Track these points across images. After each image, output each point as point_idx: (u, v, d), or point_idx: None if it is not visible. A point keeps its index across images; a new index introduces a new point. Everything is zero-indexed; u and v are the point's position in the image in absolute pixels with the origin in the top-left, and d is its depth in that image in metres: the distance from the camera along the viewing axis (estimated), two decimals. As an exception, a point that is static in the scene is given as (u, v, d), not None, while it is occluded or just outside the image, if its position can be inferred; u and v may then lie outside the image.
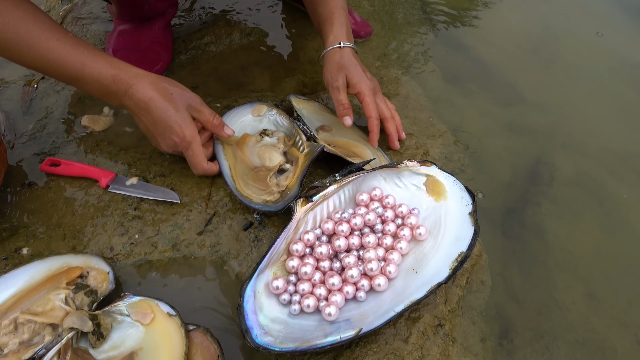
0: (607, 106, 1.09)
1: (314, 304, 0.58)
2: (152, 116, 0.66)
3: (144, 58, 0.89)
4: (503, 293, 0.73)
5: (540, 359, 0.67)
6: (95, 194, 0.72)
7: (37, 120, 0.83)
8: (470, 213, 0.66)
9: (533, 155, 0.95)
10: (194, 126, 0.69)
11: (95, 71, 0.63)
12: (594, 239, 0.83)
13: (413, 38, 1.16)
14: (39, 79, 0.90)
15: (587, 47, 1.24)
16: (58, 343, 0.52)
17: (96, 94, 0.66)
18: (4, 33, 0.57)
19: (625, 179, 0.93)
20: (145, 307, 0.57)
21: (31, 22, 0.59)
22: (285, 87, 0.95)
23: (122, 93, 0.64)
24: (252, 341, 0.53)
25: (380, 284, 0.60)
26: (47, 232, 0.68)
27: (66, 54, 0.61)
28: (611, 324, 0.72)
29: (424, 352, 0.60)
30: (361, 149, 0.79)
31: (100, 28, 1.02)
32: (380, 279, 0.60)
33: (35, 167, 0.75)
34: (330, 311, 0.57)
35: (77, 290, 0.57)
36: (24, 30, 0.58)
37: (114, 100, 0.66)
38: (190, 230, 0.69)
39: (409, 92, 1.00)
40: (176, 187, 0.74)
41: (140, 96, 0.64)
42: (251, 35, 1.05)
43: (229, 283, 0.65)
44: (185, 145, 0.68)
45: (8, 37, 0.58)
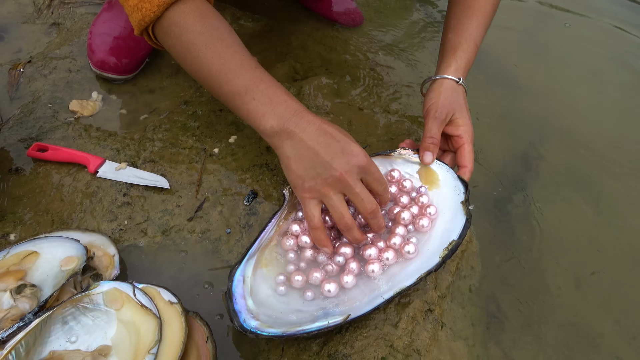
0: (599, 95, 1.09)
1: (321, 277, 0.59)
2: (327, 136, 0.58)
3: (126, 43, 0.87)
4: (493, 279, 0.74)
5: (529, 343, 0.68)
6: (84, 180, 0.72)
7: (23, 105, 0.82)
8: (463, 202, 0.66)
9: (524, 143, 0.95)
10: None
11: (271, 88, 0.60)
12: (584, 227, 0.83)
13: (406, 24, 1.15)
14: (25, 62, 0.88)
15: (580, 36, 1.23)
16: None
17: (255, 114, 0.60)
18: (196, 34, 0.60)
19: (615, 167, 0.94)
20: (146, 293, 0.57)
21: (225, 33, 0.62)
22: (277, 72, 0.94)
23: (291, 112, 0.59)
24: (240, 325, 0.53)
25: (374, 270, 0.60)
26: (35, 218, 0.67)
27: (247, 67, 0.61)
28: (599, 309, 0.73)
29: (413, 336, 0.60)
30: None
31: (88, 11, 1.00)
32: (375, 265, 0.60)
33: (22, 152, 0.74)
34: (330, 288, 0.58)
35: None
36: (216, 38, 0.61)
37: (275, 122, 0.59)
38: (180, 216, 0.69)
39: (401, 78, 0.99)
40: (166, 173, 0.73)
41: (313, 118, 0.59)
42: (242, 20, 1.03)
43: (219, 268, 0.65)
44: (368, 160, 0.58)
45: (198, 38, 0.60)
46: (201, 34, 0.60)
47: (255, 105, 0.60)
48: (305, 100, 0.88)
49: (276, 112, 0.59)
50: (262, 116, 0.59)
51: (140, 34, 0.64)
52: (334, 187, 0.57)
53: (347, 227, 0.58)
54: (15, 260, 0.59)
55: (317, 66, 0.98)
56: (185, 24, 0.60)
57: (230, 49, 0.61)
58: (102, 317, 0.55)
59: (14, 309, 0.54)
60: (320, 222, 0.59)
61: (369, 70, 1.00)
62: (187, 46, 0.61)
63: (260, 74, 0.61)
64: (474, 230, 0.76)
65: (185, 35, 0.61)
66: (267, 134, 0.60)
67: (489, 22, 0.77)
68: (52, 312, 0.53)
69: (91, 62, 0.86)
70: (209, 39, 0.60)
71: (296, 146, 0.58)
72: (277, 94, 0.60)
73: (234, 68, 0.60)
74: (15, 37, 0.95)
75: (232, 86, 0.60)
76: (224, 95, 0.62)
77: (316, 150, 0.57)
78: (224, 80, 0.61)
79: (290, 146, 0.59)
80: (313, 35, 1.05)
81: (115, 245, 0.63)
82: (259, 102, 0.59)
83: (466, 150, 0.70)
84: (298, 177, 0.59)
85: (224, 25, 0.63)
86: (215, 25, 0.62)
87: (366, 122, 0.87)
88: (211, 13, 0.63)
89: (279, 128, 0.59)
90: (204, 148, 0.77)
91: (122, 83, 0.87)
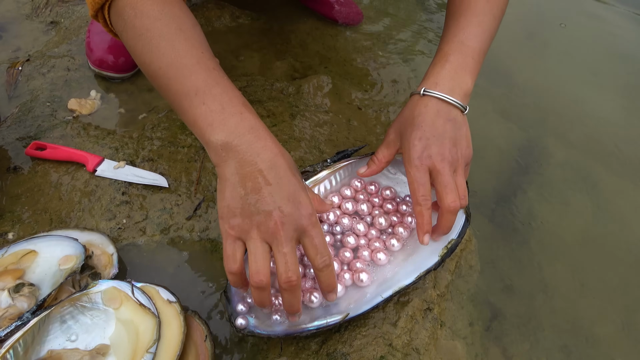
0: (598, 93, 1.09)
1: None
2: (277, 173, 0.49)
3: None
4: (492, 277, 0.73)
5: (527, 343, 0.68)
6: (82, 179, 0.71)
7: (22, 104, 0.81)
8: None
9: (523, 141, 0.95)
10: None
11: (227, 94, 0.51)
12: (583, 225, 0.83)
13: (405, 22, 1.14)
14: (23, 60, 0.88)
15: (580, 34, 1.23)
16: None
17: (202, 121, 0.50)
18: (151, 20, 0.52)
19: (614, 165, 0.93)
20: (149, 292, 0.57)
21: (186, 25, 0.53)
22: (276, 70, 0.94)
23: (245, 129, 0.49)
24: (238, 324, 0.53)
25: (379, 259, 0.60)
26: (34, 217, 0.67)
27: (204, 66, 0.51)
28: (598, 309, 0.73)
29: (412, 335, 0.60)
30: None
31: (85, 10, 1.00)
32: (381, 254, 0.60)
33: (20, 151, 0.74)
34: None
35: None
36: (174, 27, 0.52)
37: (223, 135, 0.49)
38: (179, 215, 0.69)
39: (400, 76, 0.99)
40: (165, 172, 0.73)
41: (270, 144, 0.50)
42: (241, 18, 1.03)
43: (218, 267, 0.65)
44: (312, 222, 0.49)
45: (152, 25, 0.52)
46: (158, 20, 0.52)
47: (203, 111, 0.50)
48: (304, 99, 0.87)
49: (227, 125, 0.49)
50: (209, 125, 0.49)
51: (95, 16, 0.57)
52: (263, 234, 0.48)
53: (258, 285, 0.48)
54: (14, 259, 0.59)
55: (316, 64, 0.97)
56: (141, 7, 0.52)
57: (188, 42, 0.52)
58: (100, 316, 0.55)
59: (12, 307, 0.54)
60: (240, 268, 0.49)
61: (369, 69, 1.00)
62: (140, 32, 0.52)
63: (217, 76, 0.52)
64: (472, 228, 0.76)
65: (140, 20, 0.52)
66: (211, 147, 0.50)
67: (490, 19, 0.63)
68: (51, 311, 0.53)
69: (90, 60, 0.86)
70: (165, 27, 0.52)
71: (240, 172, 0.48)
72: (232, 102, 0.50)
73: (187, 64, 0.51)
74: (14, 35, 0.95)
75: (182, 85, 0.51)
76: (172, 95, 0.52)
77: (259, 186, 0.48)
78: (174, 77, 0.51)
79: (233, 169, 0.49)
80: (312, 33, 1.05)
81: (113, 244, 0.63)
82: (209, 108, 0.50)
83: (410, 184, 0.57)
84: (227, 208, 0.49)
85: (187, 15, 0.54)
86: (177, 14, 0.53)
87: (365, 121, 0.87)
88: (175, 0, 0.54)
89: (225, 144, 0.49)
90: (202, 147, 0.76)
91: (120, 82, 0.87)
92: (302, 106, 0.86)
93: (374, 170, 0.63)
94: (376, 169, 0.63)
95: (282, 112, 0.83)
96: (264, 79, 0.91)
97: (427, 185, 0.57)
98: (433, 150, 0.56)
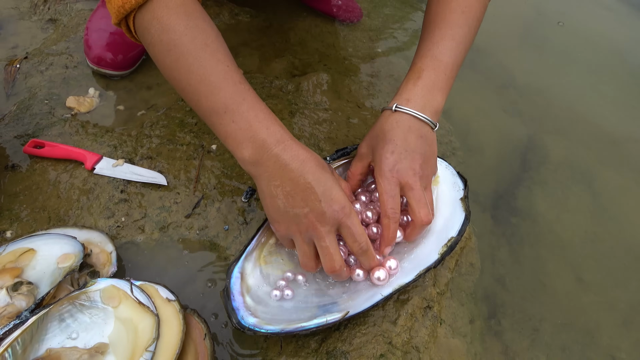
0: (598, 91, 1.08)
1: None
2: (305, 179, 0.52)
3: (123, 39, 0.86)
4: (492, 275, 0.73)
5: (528, 340, 0.68)
6: (81, 177, 0.71)
7: (20, 101, 0.81)
8: (462, 198, 0.66)
9: (524, 138, 0.95)
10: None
11: (253, 110, 0.53)
12: (583, 222, 0.83)
13: (404, 19, 1.14)
14: (21, 58, 0.88)
15: (579, 32, 1.23)
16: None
17: (233, 139, 0.54)
18: (178, 35, 0.53)
19: (614, 163, 0.93)
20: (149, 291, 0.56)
21: (210, 38, 0.55)
22: (275, 68, 0.94)
23: (272, 143, 0.53)
24: (238, 322, 0.53)
25: (379, 277, 0.58)
26: (32, 215, 0.67)
27: (230, 82, 0.54)
28: (598, 306, 0.73)
29: (412, 333, 0.60)
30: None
31: (84, 6, 0.99)
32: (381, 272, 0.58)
33: (18, 149, 0.74)
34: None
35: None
36: (199, 43, 0.53)
37: (252, 152, 0.53)
38: (178, 213, 0.69)
39: (399, 73, 0.99)
40: (163, 170, 0.72)
41: (296, 152, 0.53)
42: (240, 16, 1.03)
43: (217, 265, 0.65)
44: (346, 213, 0.53)
45: (180, 40, 0.53)
46: (185, 36, 0.53)
47: (233, 129, 0.53)
48: (303, 97, 0.87)
49: (255, 141, 0.53)
50: (240, 143, 0.53)
51: (119, 24, 0.58)
52: (304, 235, 0.54)
53: (309, 271, 0.57)
54: (12, 258, 0.59)
55: (315, 62, 0.97)
56: (168, 21, 0.53)
57: (214, 58, 0.54)
58: (99, 315, 0.55)
59: (10, 306, 0.54)
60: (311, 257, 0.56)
61: (368, 66, 1.00)
62: (168, 47, 0.54)
63: (243, 90, 0.54)
64: (472, 226, 0.76)
65: (167, 35, 0.53)
66: (244, 163, 0.54)
67: (465, 31, 0.64)
68: (49, 309, 0.53)
69: (88, 58, 0.86)
70: (191, 42, 0.53)
71: (273, 184, 0.53)
72: (259, 118, 0.53)
73: (215, 81, 0.53)
74: (12, 33, 0.94)
75: (212, 102, 0.54)
76: (202, 110, 0.55)
77: (292, 193, 0.52)
78: (203, 94, 0.54)
79: (267, 182, 0.53)
80: (312, 31, 1.05)
81: (112, 242, 0.63)
82: (238, 125, 0.53)
83: (380, 195, 0.58)
84: (272, 218, 0.56)
85: (211, 28, 0.56)
86: (201, 27, 0.55)
87: (365, 118, 0.87)
88: (198, 12, 0.56)
89: (257, 159, 0.53)
90: (201, 144, 0.76)
91: (119, 79, 0.86)
92: (301, 104, 0.86)
93: (352, 185, 0.64)
94: (354, 183, 0.64)
95: (281, 110, 0.83)
96: (263, 76, 0.91)
97: (397, 199, 0.58)
98: (405, 165, 0.58)
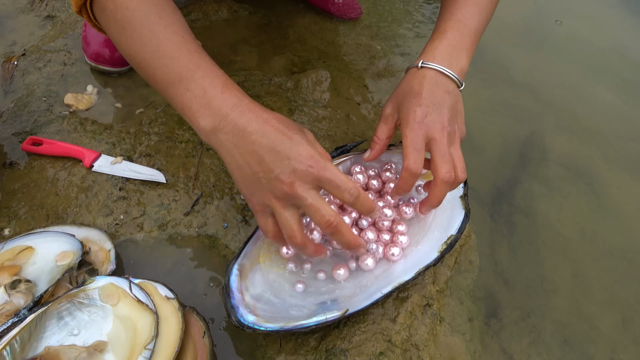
0: (597, 87, 1.08)
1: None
2: (268, 138, 0.48)
3: None
4: (491, 273, 0.73)
5: (527, 338, 0.68)
6: (79, 174, 0.71)
7: (18, 98, 0.81)
8: (462, 196, 0.65)
9: (523, 136, 0.95)
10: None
11: (208, 76, 0.51)
12: (582, 220, 0.83)
13: (404, 17, 1.14)
14: (19, 55, 0.87)
15: (580, 29, 1.23)
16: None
17: (189, 109, 0.51)
18: (131, 11, 0.51)
19: (614, 160, 0.93)
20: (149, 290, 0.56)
21: (165, 12, 0.53)
22: (274, 65, 0.93)
23: (229, 107, 0.50)
24: (237, 320, 0.53)
25: (394, 254, 0.59)
26: (30, 213, 0.67)
27: (185, 51, 0.51)
28: (597, 303, 0.73)
29: (411, 331, 0.60)
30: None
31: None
32: (394, 249, 0.59)
33: (16, 146, 0.73)
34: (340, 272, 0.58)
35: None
36: (153, 16, 0.52)
37: (209, 119, 0.50)
38: (177, 210, 0.68)
39: (400, 72, 0.98)
40: (162, 167, 0.72)
41: (255, 114, 0.50)
42: (239, 12, 1.02)
43: (216, 263, 0.65)
44: (321, 166, 0.48)
45: (133, 15, 0.52)
46: (137, 11, 0.52)
47: (189, 98, 0.50)
48: (302, 94, 0.87)
49: (211, 108, 0.50)
50: (196, 112, 0.50)
51: (79, 12, 0.57)
52: (284, 201, 0.49)
53: (299, 247, 0.51)
54: (10, 256, 0.58)
55: (314, 59, 0.97)
56: (120, 0, 0.52)
57: (168, 29, 0.52)
58: (98, 313, 0.54)
59: (9, 304, 0.53)
60: (275, 233, 0.53)
61: (367, 63, 0.99)
62: (122, 24, 0.52)
63: (198, 58, 0.52)
64: (472, 224, 0.76)
65: (121, 12, 0.52)
66: (202, 133, 0.51)
67: (487, 1, 0.64)
68: (48, 307, 0.52)
69: (86, 54, 0.85)
70: (144, 16, 0.51)
71: (235, 151, 0.49)
72: (213, 83, 0.50)
73: (169, 51, 0.51)
74: (9, 29, 0.94)
75: (166, 73, 0.51)
76: (159, 84, 0.53)
77: (257, 158, 0.48)
78: (158, 66, 0.52)
79: (228, 151, 0.50)
80: (311, 28, 1.04)
81: (111, 240, 0.63)
82: (193, 93, 0.50)
83: (405, 147, 0.55)
84: (244, 188, 0.51)
85: (166, 2, 0.54)
86: (155, 2, 0.53)
87: (364, 115, 0.87)
88: None
89: (213, 127, 0.50)
90: (200, 142, 0.76)
91: (117, 76, 0.86)
92: (300, 101, 0.85)
93: (378, 150, 0.60)
94: (380, 148, 0.60)
95: (280, 107, 0.83)
96: (262, 73, 0.90)
97: (422, 153, 0.54)
98: (433, 118, 0.55)
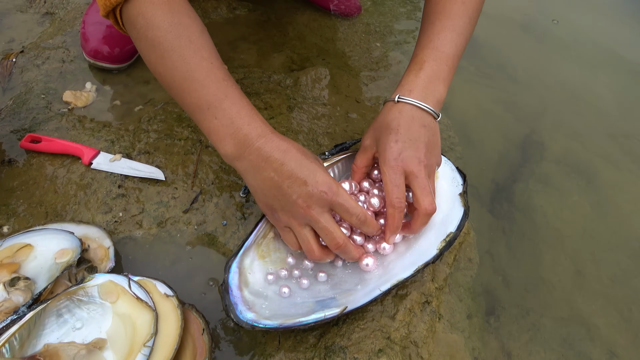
0: (598, 86, 1.08)
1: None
2: (288, 166, 0.53)
3: (119, 32, 0.85)
4: (490, 270, 0.73)
5: (526, 335, 0.68)
6: (78, 171, 0.71)
7: (16, 96, 0.80)
8: (461, 194, 0.65)
9: (523, 133, 0.95)
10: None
11: (236, 106, 0.54)
12: (582, 218, 0.83)
13: (403, 14, 1.14)
14: (17, 52, 0.87)
15: (577, 28, 1.22)
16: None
17: (215, 135, 0.55)
18: (163, 32, 0.53)
19: (613, 158, 0.93)
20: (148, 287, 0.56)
21: (195, 34, 0.55)
22: (273, 62, 0.93)
23: (254, 137, 0.54)
24: (236, 317, 0.53)
25: (385, 248, 0.60)
26: (29, 210, 0.67)
27: (214, 79, 0.55)
28: (596, 300, 0.73)
29: (410, 328, 0.60)
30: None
31: (81, 0, 0.99)
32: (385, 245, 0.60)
33: (15, 144, 0.73)
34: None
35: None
36: (184, 40, 0.54)
37: (235, 148, 0.54)
38: (175, 208, 0.68)
39: (399, 69, 0.98)
40: (161, 165, 0.72)
41: (277, 144, 0.54)
42: (238, 10, 1.02)
43: (215, 260, 0.65)
44: (334, 192, 0.53)
45: (164, 37, 0.54)
46: (168, 33, 0.54)
47: (216, 126, 0.55)
48: (302, 91, 0.87)
49: (237, 137, 0.54)
50: (223, 139, 0.55)
51: (107, 16, 0.58)
52: (299, 221, 0.55)
53: (316, 260, 0.58)
54: (9, 253, 0.58)
55: (314, 56, 0.97)
56: (152, 18, 0.54)
57: (198, 55, 0.55)
58: (97, 310, 0.54)
59: (8, 301, 0.53)
60: (298, 246, 0.58)
61: (367, 61, 0.99)
62: (152, 44, 0.55)
63: (226, 87, 0.55)
64: (471, 221, 0.76)
65: (151, 31, 0.54)
66: (228, 159, 0.56)
67: (465, 21, 0.64)
68: (47, 304, 0.52)
69: (84, 51, 0.85)
70: (175, 39, 0.54)
71: (258, 176, 0.55)
72: (240, 114, 0.54)
73: (199, 77, 0.54)
74: (7, 26, 0.94)
75: (195, 99, 0.55)
76: (187, 106, 0.56)
77: (278, 183, 0.53)
78: (187, 90, 0.55)
79: (252, 175, 0.55)
80: (310, 25, 1.04)
81: (110, 238, 0.62)
82: (220, 122, 0.54)
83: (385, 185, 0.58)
84: (265, 207, 0.58)
85: (196, 24, 0.57)
86: (186, 23, 0.55)
87: (363, 114, 0.87)
88: (183, 8, 0.56)
89: (239, 154, 0.55)
90: (199, 139, 0.76)
91: (116, 73, 0.86)
92: (299, 98, 0.85)
93: (359, 177, 0.64)
94: (360, 176, 0.64)
95: (279, 105, 0.82)
96: (261, 71, 0.90)
97: (403, 188, 0.58)
98: (409, 153, 0.58)
